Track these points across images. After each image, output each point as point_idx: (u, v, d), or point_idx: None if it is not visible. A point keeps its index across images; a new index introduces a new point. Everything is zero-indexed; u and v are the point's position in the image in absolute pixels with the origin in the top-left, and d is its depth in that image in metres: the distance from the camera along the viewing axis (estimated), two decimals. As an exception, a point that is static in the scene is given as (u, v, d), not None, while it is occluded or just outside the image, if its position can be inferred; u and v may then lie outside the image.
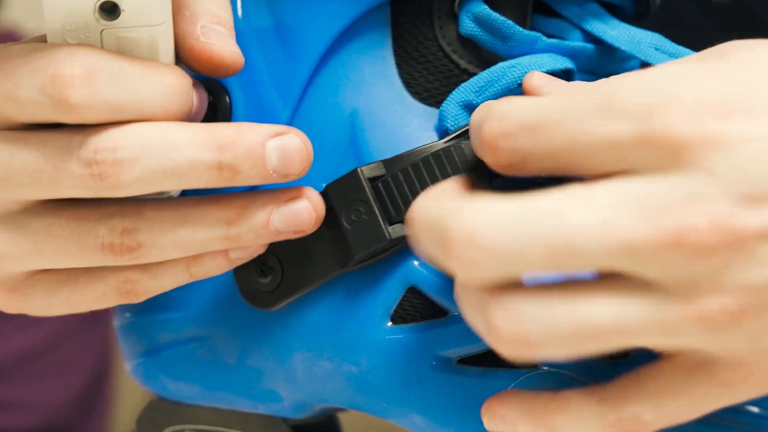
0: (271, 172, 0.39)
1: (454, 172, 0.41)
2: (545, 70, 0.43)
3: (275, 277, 0.44)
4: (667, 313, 0.34)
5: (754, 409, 0.41)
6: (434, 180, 0.41)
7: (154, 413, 0.50)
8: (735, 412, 0.40)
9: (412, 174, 0.41)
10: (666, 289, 0.34)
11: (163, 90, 0.39)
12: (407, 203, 0.41)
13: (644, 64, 0.48)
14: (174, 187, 0.39)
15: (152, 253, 0.40)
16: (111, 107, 0.38)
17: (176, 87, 0.39)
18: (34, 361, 1.08)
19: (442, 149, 0.41)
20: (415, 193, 0.41)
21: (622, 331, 0.34)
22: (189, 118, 0.40)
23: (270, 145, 0.39)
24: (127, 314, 0.48)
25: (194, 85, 0.41)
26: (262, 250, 0.42)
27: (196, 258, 0.41)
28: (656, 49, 0.44)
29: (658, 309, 0.34)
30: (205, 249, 0.41)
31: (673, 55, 0.45)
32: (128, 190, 0.39)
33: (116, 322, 0.49)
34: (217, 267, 0.42)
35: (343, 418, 0.52)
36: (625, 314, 0.34)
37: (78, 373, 1.10)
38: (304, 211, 0.41)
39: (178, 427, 0.49)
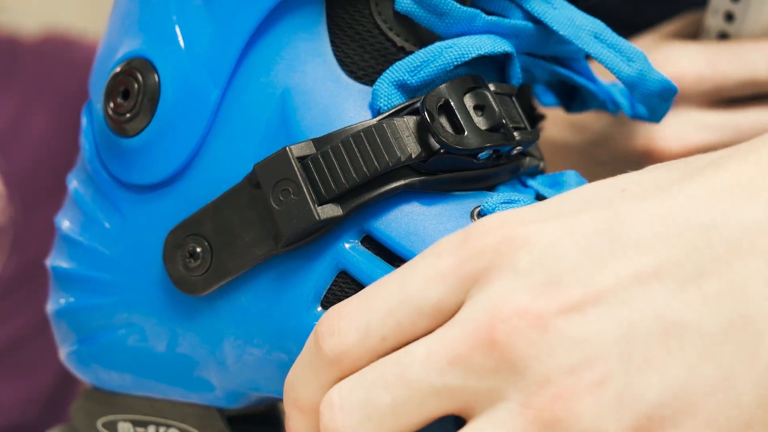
0: None
1: (386, 148, 0.40)
2: (483, 53, 0.42)
3: (204, 262, 0.42)
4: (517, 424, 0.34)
5: None
6: (365, 156, 0.40)
7: (87, 403, 0.48)
8: None
9: (342, 151, 0.40)
10: (507, 398, 0.34)
11: None
12: (337, 181, 0.40)
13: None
14: None
15: None
16: None
17: None
18: (-1, 360, 1.07)
19: (374, 125, 0.40)
20: (345, 170, 0.40)
21: None
22: None
23: None
24: (61, 300, 0.47)
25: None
26: None
27: None
28: (595, 37, 0.43)
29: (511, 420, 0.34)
30: None
31: (612, 46, 0.43)
32: None
33: (49, 308, 0.48)
34: None
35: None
36: None
37: (44, 373, 1.08)
38: None
39: (112, 418, 0.48)
